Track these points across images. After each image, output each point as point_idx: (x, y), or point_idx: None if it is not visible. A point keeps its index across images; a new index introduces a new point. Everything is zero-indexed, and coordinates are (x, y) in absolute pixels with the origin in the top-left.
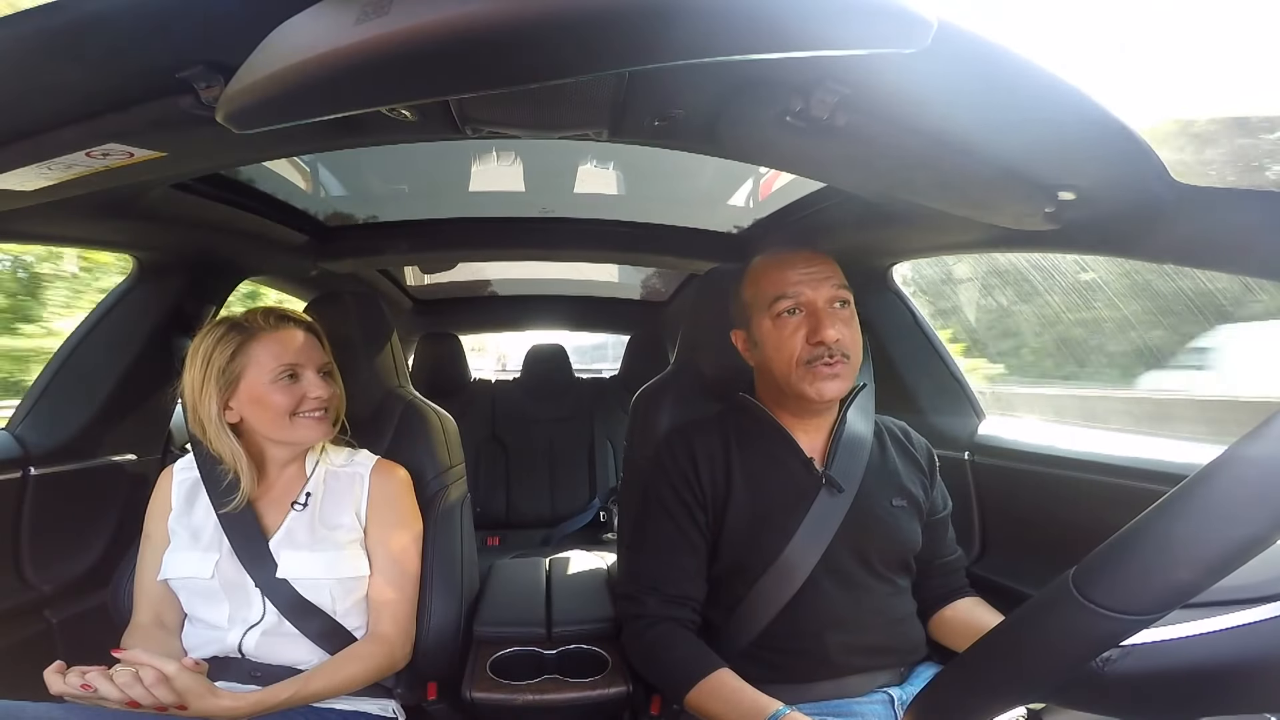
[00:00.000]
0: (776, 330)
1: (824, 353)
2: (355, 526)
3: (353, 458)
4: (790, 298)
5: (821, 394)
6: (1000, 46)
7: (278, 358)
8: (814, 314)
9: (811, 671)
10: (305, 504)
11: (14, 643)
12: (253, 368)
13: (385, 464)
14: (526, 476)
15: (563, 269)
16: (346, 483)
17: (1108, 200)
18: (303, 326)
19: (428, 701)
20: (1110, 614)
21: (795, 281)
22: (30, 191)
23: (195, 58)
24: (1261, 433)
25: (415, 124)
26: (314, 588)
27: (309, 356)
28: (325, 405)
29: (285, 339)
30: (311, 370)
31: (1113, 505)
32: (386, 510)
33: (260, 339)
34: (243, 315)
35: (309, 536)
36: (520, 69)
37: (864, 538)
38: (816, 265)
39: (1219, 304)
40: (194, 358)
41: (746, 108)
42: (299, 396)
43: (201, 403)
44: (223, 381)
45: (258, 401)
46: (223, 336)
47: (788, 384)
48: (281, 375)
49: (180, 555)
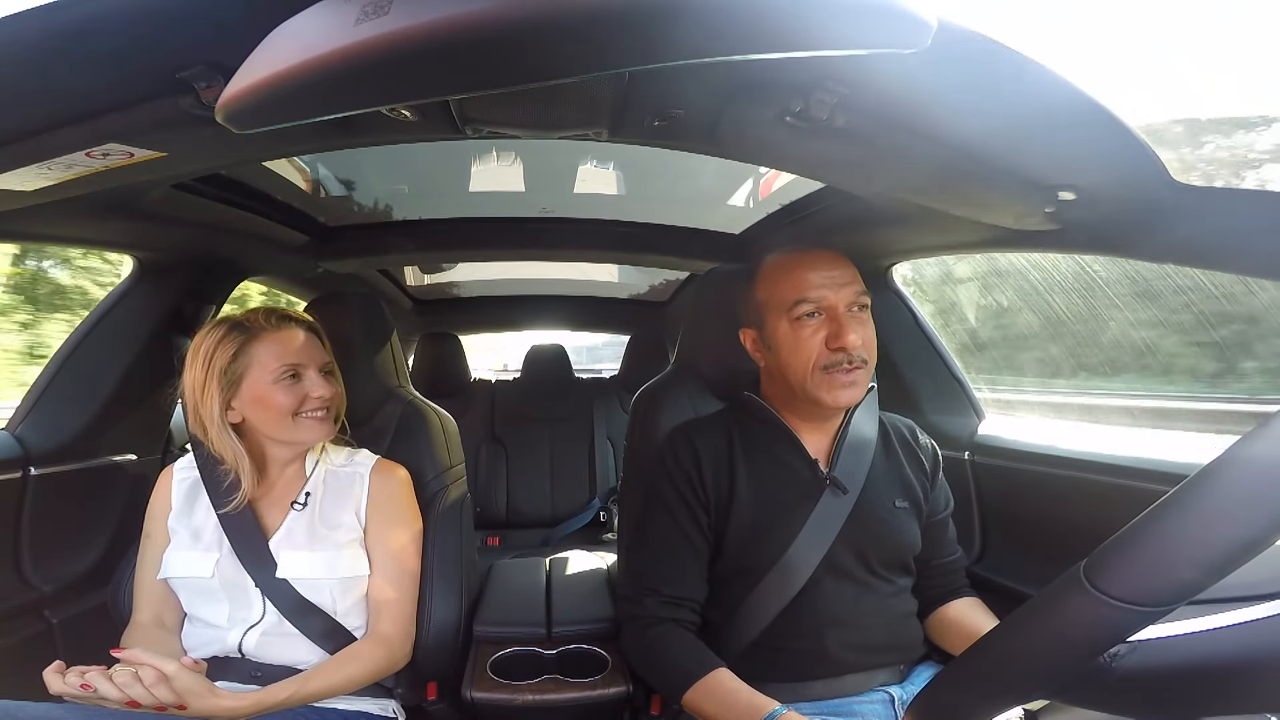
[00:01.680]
0: (794, 333)
1: (843, 359)
2: (355, 526)
3: (353, 457)
4: (812, 301)
5: (838, 401)
6: (1000, 46)
7: (280, 358)
8: (835, 318)
9: (812, 670)
10: (305, 504)
11: (14, 643)
12: (255, 368)
13: (385, 464)
14: (526, 476)
15: (563, 269)
16: (346, 482)
17: (1108, 200)
18: (304, 326)
19: (428, 701)
20: (1122, 605)
21: (818, 285)
22: (30, 191)
23: (195, 58)
24: (1274, 425)
25: (415, 124)
26: (314, 587)
27: (311, 356)
28: (327, 405)
29: (287, 339)
30: (313, 370)
31: (1113, 505)
32: (386, 510)
33: (262, 339)
34: (244, 315)
35: (308, 536)
36: (520, 69)
37: (865, 538)
38: (839, 269)
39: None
40: (194, 358)
41: (746, 108)
42: (301, 396)
43: (203, 403)
44: (225, 382)
45: (260, 401)
46: (224, 337)
47: (803, 389)
48: (284, 375)
49: (180, 554)
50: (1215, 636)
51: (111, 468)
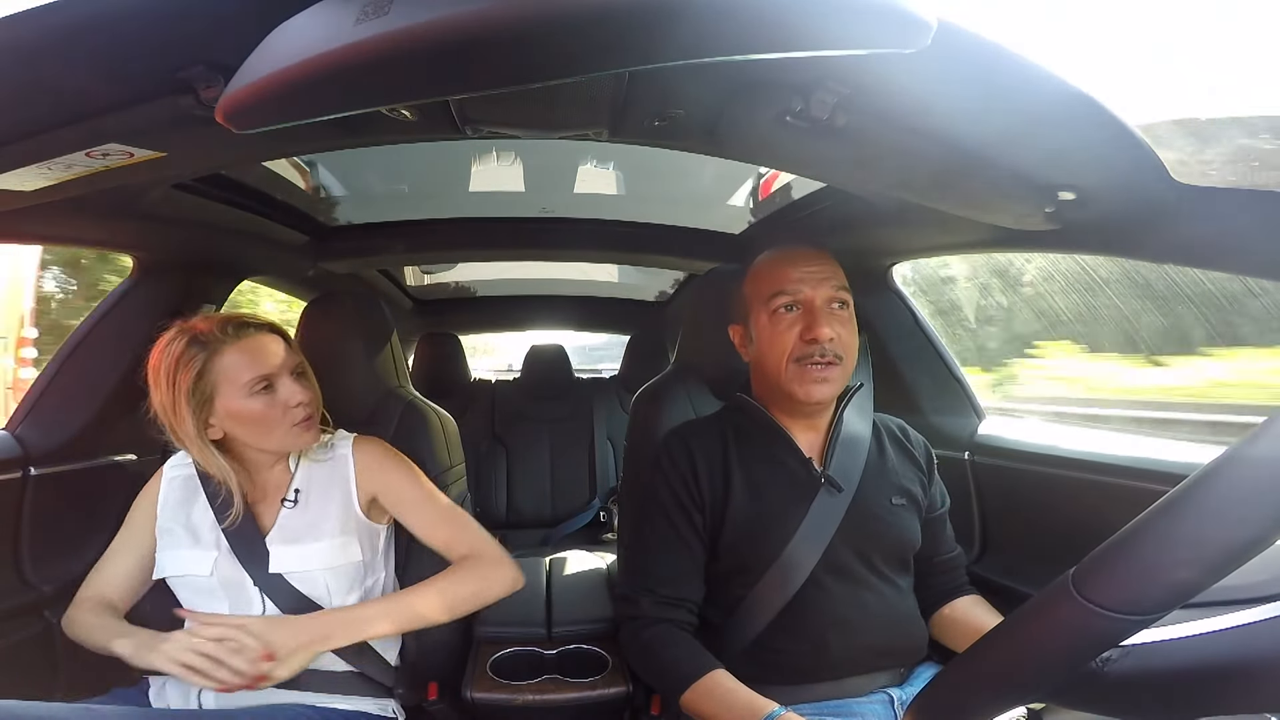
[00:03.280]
0: (771, 325)
1: (816, 351)
2: (346, 511)
3: (331, 442)
4: (789, 294)
5: (809, 396)
6: (1000, 46)
7: (248, 370)
8: (811, 312)
9: (812, 672)
10: (295, 500)
11: (14, 643)
12: (224, 384)
13: (362, 438)
14: (526, 476)
15: (563, 269)
16: (330, 468)
17: (1108, 200)
18: (265, 329)
19: (428, 701)
20: (1110, 614)
21: (795, 279)
22: (30, 192)
23: (195, 58)
24: (1261, 434)
25: (415, 124)
26: (308, 580)
27: (280, 362)
28: (309, 411)
29: (250, 348)
30: (286, 376)
31: (1113, 505)
32: (383, 474)
33: (223, 353)
34: (198, 327)
35: (299, 530)
36: (520, 69)
37: (865, 537)
38: (818, 265)
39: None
40: (156, 378)
41: (747, 108)
42: (280, 407)
43: (178, 424)
44: (195, 403)
45: (237, 417)
46: (181, 356)
47: (778, 381)
48: (256, 388)
49: (178, 553)
50: (1204, 641)
51: (111, 468)
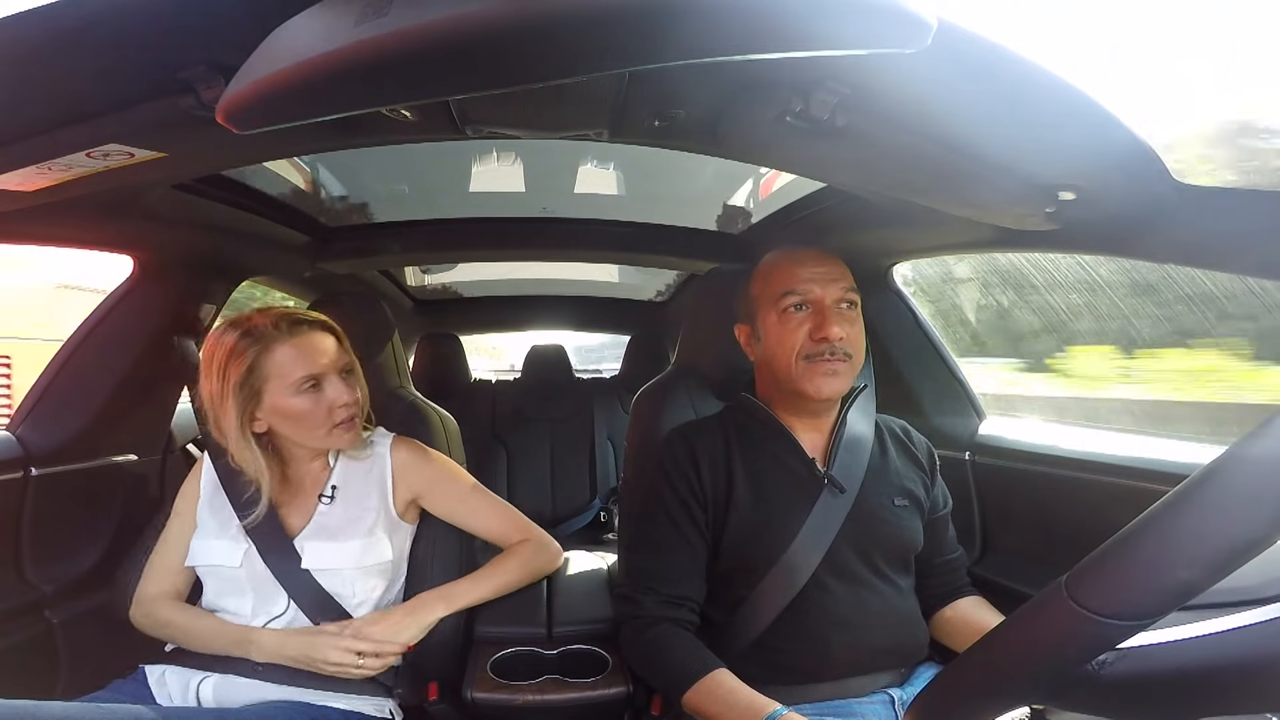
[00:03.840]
0: (781, 324)
1: (826, 349)
2: (381, 510)
3: (370, 440)
4: (799, 294)
5: (819, 391)
6: (1000, 46)
7: (299, 368)
8: (820, 311)
9: (814, 672)
10: (333, 497)
11: (14, 643)
12: (273, 380)
13: (401, 438)
14: (527, 477)
15: (563, 269)
16: (367, 466)
17: (1108, 200)
18: (319, 328)
19: (429, 702)
20: (1104, 619)
21: (805, 279)
22: (30, 192)
23: (196, 58)
24: (1260, 434)
25: (415, 124)
26: (336, 577)
27: (330, 361)
28: (353, 412)
29: (303, 345)
30: (334, 375)
31: (1113, 505)
32: (422, 475)
33: (276, 349)
34: (254, 320)
35: (335, 527)
36: (520, 69)
37: (867, 537)
38: (827, 265)
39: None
40: (208, 368)
41: (747, 108)
42: (326, 407)
43: (223, 415)
44: (242, 396)
45: (283, 414)
46: (235, 348)
47: (787, 379)
48: (305, 386)
49: (209, 543)
50: (1199, 643)
51: (112, 468)
